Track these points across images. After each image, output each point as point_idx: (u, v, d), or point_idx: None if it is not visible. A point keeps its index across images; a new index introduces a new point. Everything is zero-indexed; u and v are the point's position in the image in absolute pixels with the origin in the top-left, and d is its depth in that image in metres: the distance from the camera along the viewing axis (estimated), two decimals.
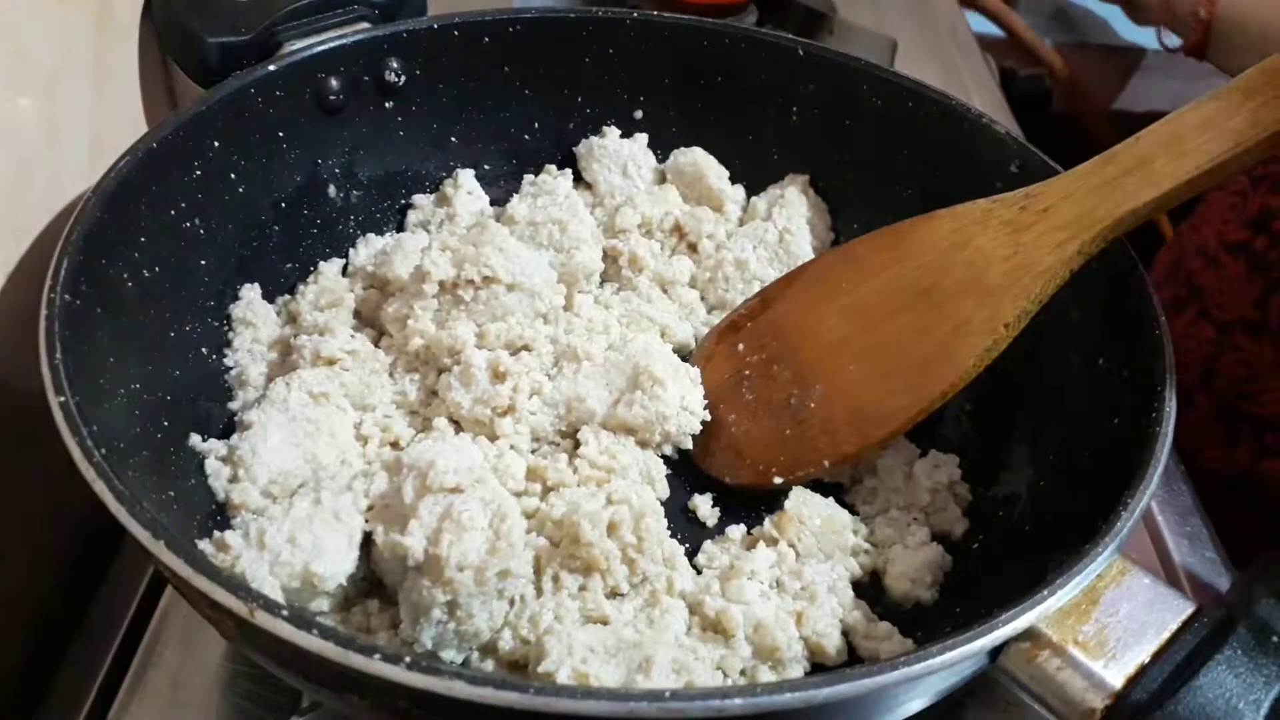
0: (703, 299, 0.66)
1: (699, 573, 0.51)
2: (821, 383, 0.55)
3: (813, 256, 0.68)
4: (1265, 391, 0.76)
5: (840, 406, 0.54)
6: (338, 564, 0.47)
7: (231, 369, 0.57)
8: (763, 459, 0.55)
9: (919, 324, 0.52)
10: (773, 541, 0.52)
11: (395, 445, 0.55)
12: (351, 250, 0.65)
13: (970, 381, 0.51)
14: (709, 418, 0.57)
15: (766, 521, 0.53)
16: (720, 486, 0.56)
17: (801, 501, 0.54)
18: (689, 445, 0.57)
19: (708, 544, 0.53)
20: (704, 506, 0.55)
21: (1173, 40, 0.81)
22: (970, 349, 0.50)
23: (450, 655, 0.46)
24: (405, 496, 0.47)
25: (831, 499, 0.55)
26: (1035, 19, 1.27)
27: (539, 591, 0.48)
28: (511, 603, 0.47)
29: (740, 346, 0.59)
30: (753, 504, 0.56)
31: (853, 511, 0.56)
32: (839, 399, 0.54)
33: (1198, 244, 0.82)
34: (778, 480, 0.54)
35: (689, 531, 0.54)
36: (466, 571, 0.44)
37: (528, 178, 0.70)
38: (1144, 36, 1.37)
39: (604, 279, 0.65)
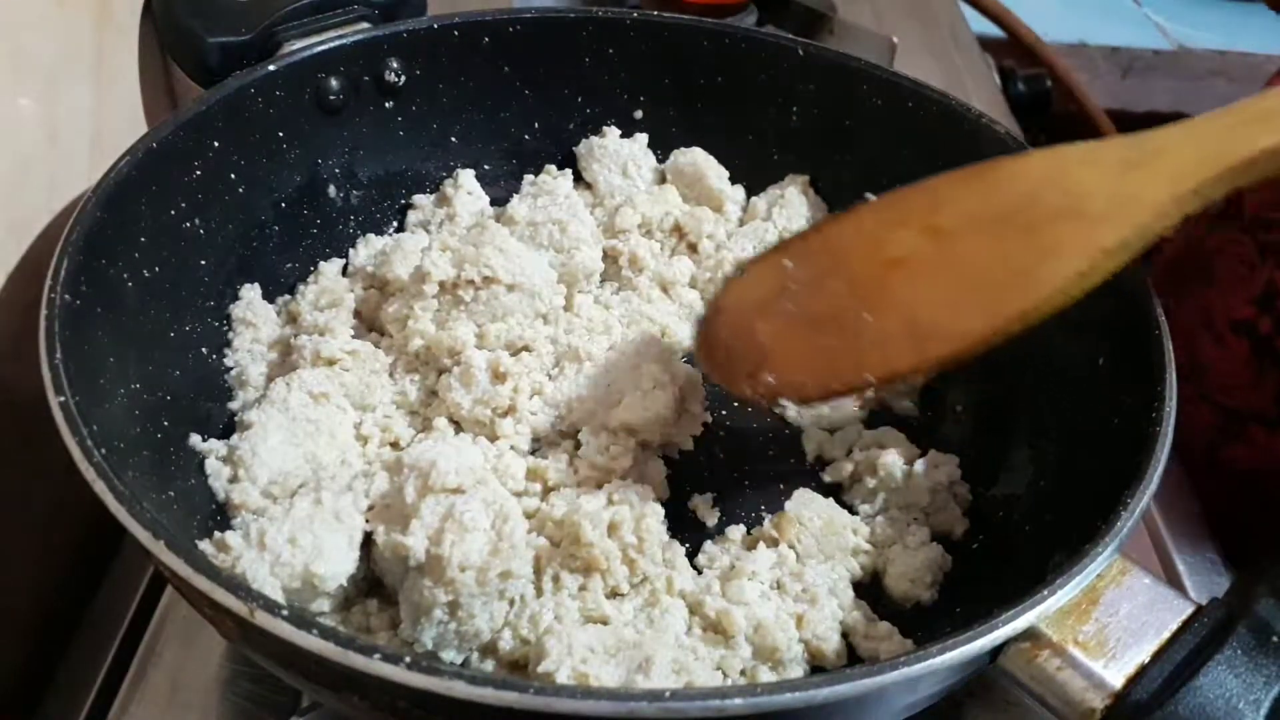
0: (703, 299, 0.66)
1: (699, 573, 0.51)
2: (880, 296, 0.49)
3: None
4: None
5: (899, 320, 0.48)
6: (338, 564, 0.47)
7: (231, 369, 0.57)
8: (794, 369, 0.49)
9: (1002, 244, 0.47)
10: (773, 542, 0.52)
11: (395, 445, 0.55)
12: (351, 250, 0.65)
13: (1055, 310, 0.46)
14: (710, 419, 0.57)
15: (766, 522, 0.53)
16: (721, 487, 0.56)
17: (802, 502, 0.54)
18: (690, 446, 0.57)
19: (708, 544, 0.53)
20: (704, 506, 0.55)
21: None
22: (1060, 271, 0.45)
23: (450, 656, 0.46)
24: (406, 497, 0.47)
25: (831, 499, 0.55)
26: None
27: (539, 591, 0.48)
28: (512, 603, 0.47)
29: (788, 263, 0.52)
30: (753, 504, 0.56)
31: (852, 512, 0.56)
32: (899, 313, 0.48)
33: (1202, 312, 0.75)
34: (806, 394, 0.49)
35: (689, 531, 0.54)
36: (468, 572, 0.44)
37: (528, 178, 0.70)
38: (1145, 36, 1.37)
39: (604, 279, 0.65)
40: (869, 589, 0.53)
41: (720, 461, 0.58)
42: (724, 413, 0.60)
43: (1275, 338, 0.71)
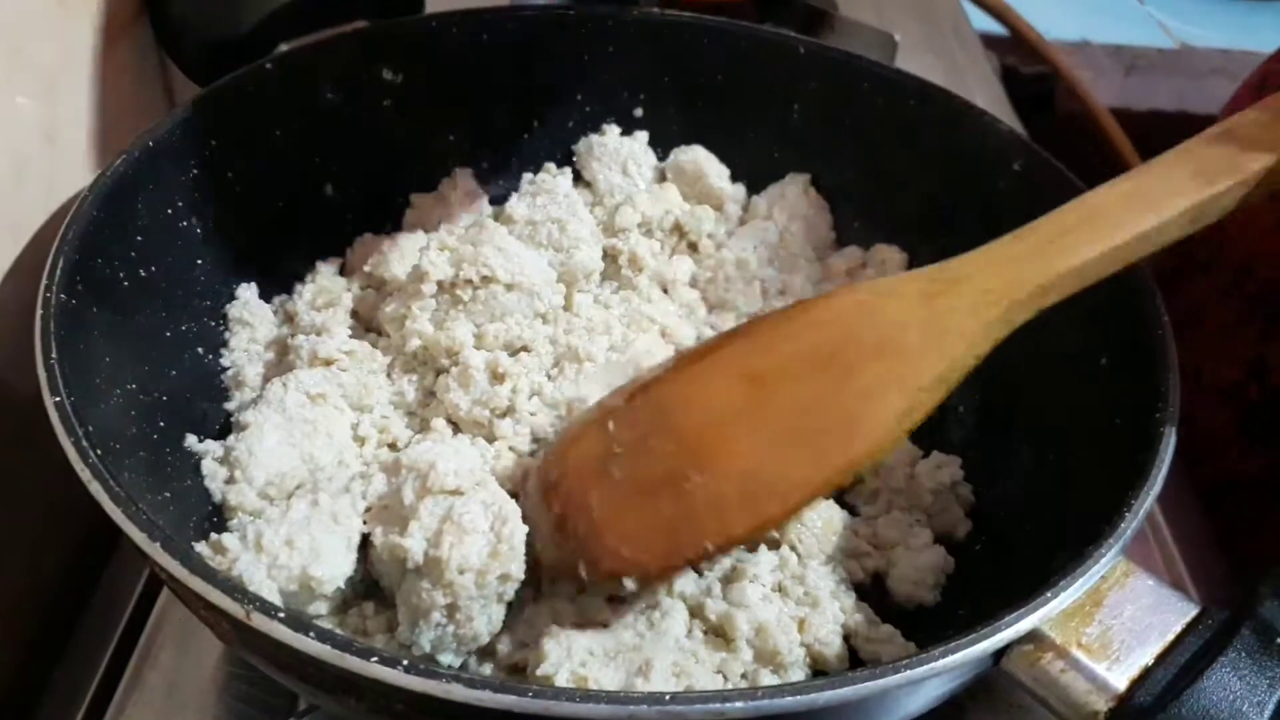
0: (703, 299, 0.66)
1: (700, 575, 0.51)
2: (708, 455, 0.46)
3: (812, 255, 0.68)
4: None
5: (731, 480, 0.46)
6: (336, 567, 0.47)
7: (228, 369, 0.57)
8: (633, 545, 0.46)
9: (824, 390, 0.46)
10: (775, 544, 0.52)
11: (393, 446, 0.55)
12: (349, 250, 0.65)
13: (887, 452, 0.46)
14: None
15: None
16: None
17: None
18: None
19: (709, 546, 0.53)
20: None
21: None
22: (881, 415, 0.45)
23: (448, 659, 0.46)
24: (405, 498, 0.47)
25: (832, 500, 0.55)
26: None
27: (538, 594, 0.48)
28: (510, 606, 0.46)
29: (611, 425, 0.49)
30: None
31: (854, 513, 0.55)
32: (729, 472, 0.46)
33: (1191, 364, 0.73)
34: (647, 574, 0.46)
35: None
36: (467, 574, 0.44)
37: (527, 176, 0.70)
38: (1148, 35, 1.37)
39: (604, 278, 0.65)
40: (871, 591, 0.52)
41: None
42: None
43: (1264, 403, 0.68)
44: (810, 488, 0.46)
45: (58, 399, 0.41)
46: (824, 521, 0.52)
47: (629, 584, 0.46)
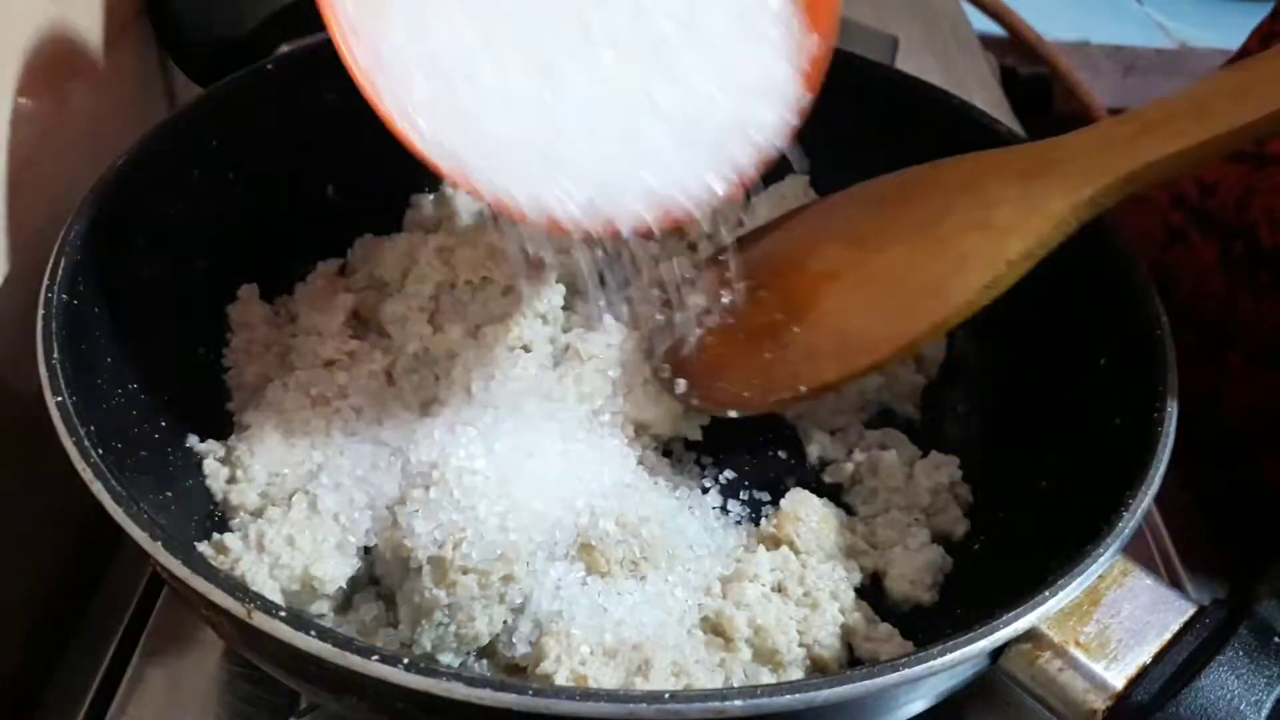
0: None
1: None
2: (809, 308, 0.52)
3: None
4: None
5: (826, 333, 0.52)
6: (338, 566, 0.47)
7: (229, 369, 0.57)
8: (736, 382, 0.53)
9: (917, 256, 0.50)
10: (774, 544, 0.52)
11: (395, 446, 0.55)
12: (350, 250, 0.65)
13: (966, 318, 0.49)
14: (707, 421, 0.56)
15: (763, 522, 0.53)
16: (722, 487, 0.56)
17: (799, 500, 0.53)
18: (698, 435, 0.57)
19: None
20: None
21: None
22: (969, 283, 0.48)
23: (448, 658, 0.46)
24: (408, 498, 0.47)
25: (828, 499, 0.55)
26: None
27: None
28: (510, 606, 0.47)
29: (726, 274, 0.56)
30: (755, 505, 0.55)
31: (852, 513, 0.56)
32: (825, 325, 0.52)
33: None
34: (749, 406, 0.53)
35: None
36: (470, 574, 0.44)
37: None
38: (1147, 35, 1.37)
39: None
40: (869, 590, 0.52)
41: (721, 461, 0.58)
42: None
43: None
44: (896, 345, 0.50)
45: (59, 399, 0.41)
46: (820, 518, 0.52)
47: (731, 413, 0.53)
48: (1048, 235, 0.48)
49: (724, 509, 0.55)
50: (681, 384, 0.54)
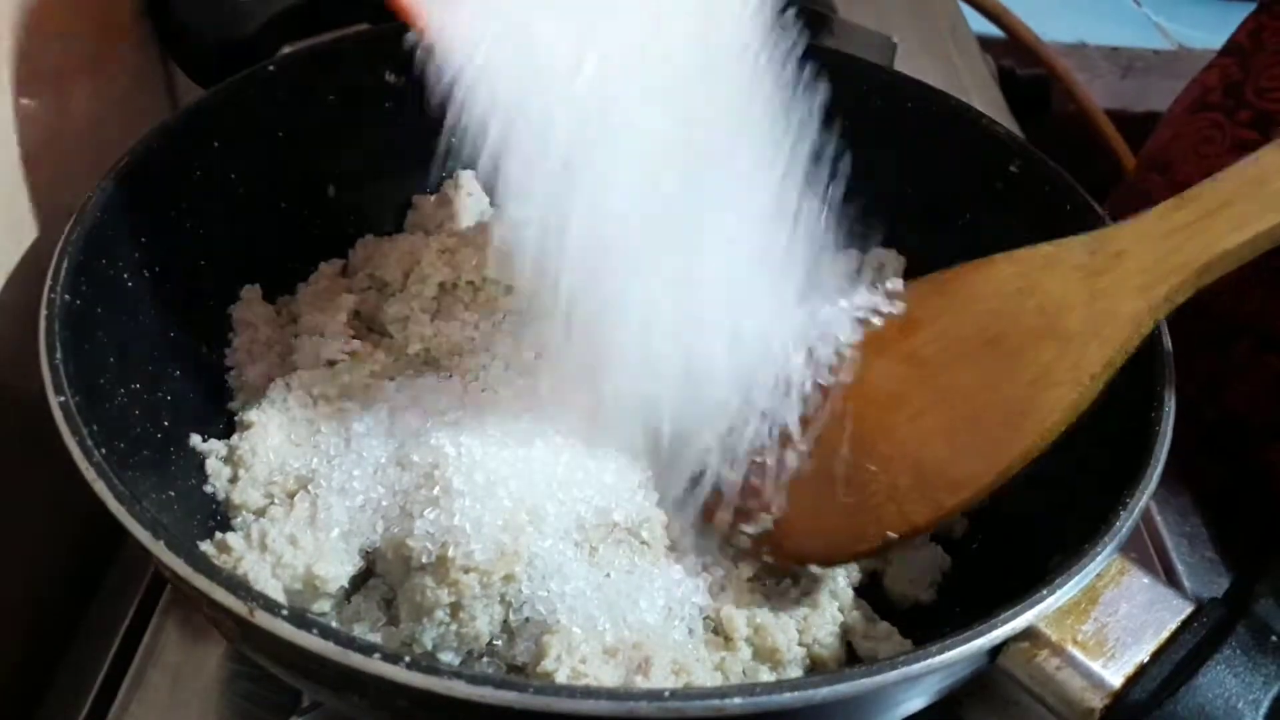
0: None
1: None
2: (881, 441, 0.47)
3: None
4: None
5: (905, 469, 0.46)
6: (340, 565, 0.47)
7: (231, 369, 0.57)
8: (812, 533, 0.48)
9: (989, 375, 0.46)
10: None
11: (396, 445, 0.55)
12: (351, 250, 0.65)
13: (1053, 441, 0.45)
14: None
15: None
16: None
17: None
18: None
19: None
20: None
21: None
22: (1054, 402, 0.44)
23: (449, 658, 0.46)
24: (410, 497, 0.47)
25: None
26: None
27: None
28: (510, 606, 0.47)
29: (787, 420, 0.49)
30: None
31: None
32: (902, 460, 0.46)
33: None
34: (830, 559, 0.48)
35: None
36: (471, 574, 0.44)
37: None
38: (1145, 36, 1.37)
39: None
40: (867, 589, 0.53)
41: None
42: None
43: None
44: (985, 480, 0.45)
45: (62, 399, 0.41)
46: None
47: (813, 569, 0.48)
48: (1126, 340, 0.44)
49: None
50: (744, 540, 0.49)
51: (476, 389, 0.54)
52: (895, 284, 0.51)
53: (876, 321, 0.49)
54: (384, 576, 0.49)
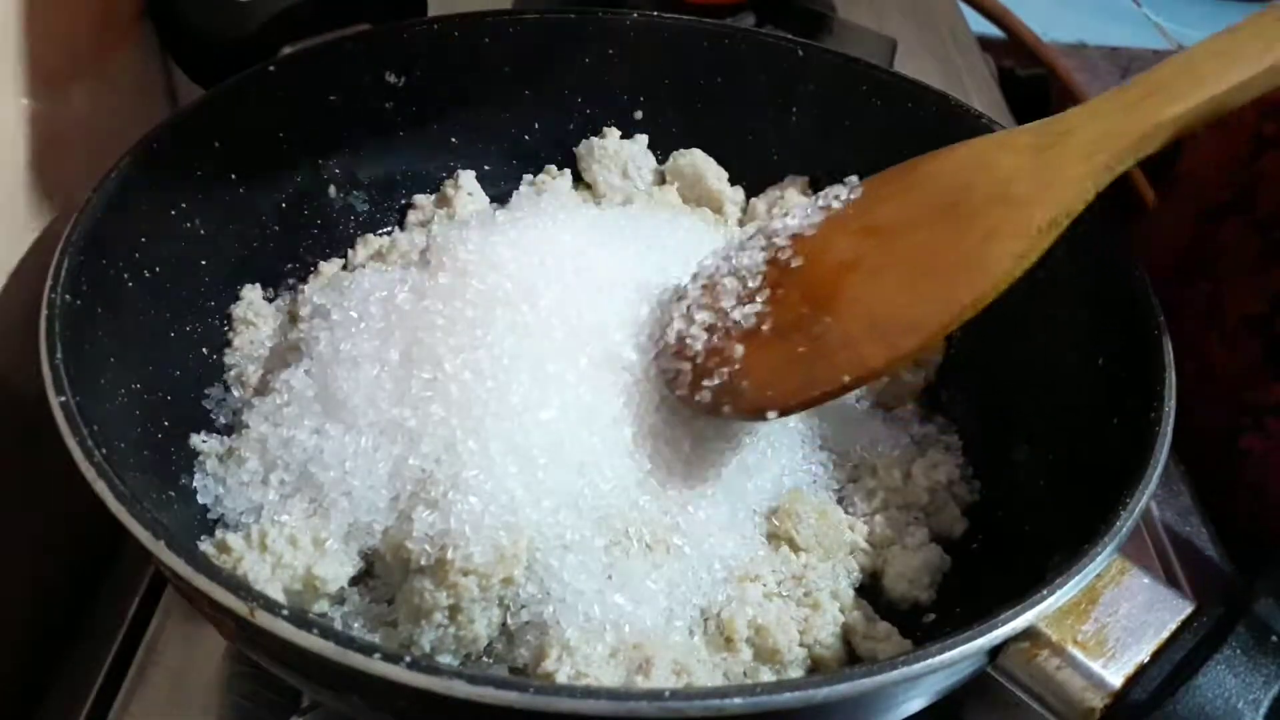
0: None
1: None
2: (835, 297, 0.50)
3: None
4: None
5: (861, 319, 0.49)
6: (339, 566, 0.47)
7: (232, 368, 0.57)
8: (769, 383, 0.50)
9: (943, 236, 0.50)
10: (775, 543, 0.52)
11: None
12: (351, 250, 0.65)
13: (1003, 290, 0.48)
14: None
15: (764, 521, 0.53)
16: None
17: (797, 499, 0.53)
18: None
19: None
20: None
21: None
22: (1002, 254, 0.48)
23: (447, 660, 0.46)
24: (410, 498, 0.47)
25: (831, 497, 0.55)
26: None
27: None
28: (509, 608, 0.47)
29: (745, 284, 0.53)
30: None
31: (850, 511, 0.56)
32: (858, 311, 0.50)
33: (1211, 306, 0.74)
34: (788, 405, 0.49)
35: None
36: (471, 576, 0.44)
37: (527, 178, 0.70)
38: (1144, 37, 1.37)
39: None
40: (867, 589, 0.53)
41: None
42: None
43: None
44: (941, 321, 0.48)
45: (63, 399, 0.41)
46: (818, 515, 0.53)
47: (771, 415, 0.49)
48: (1069, 203, 0.48)
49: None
50: (706, 394, 0.50)
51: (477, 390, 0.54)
52: (853, 179, 0.55)
53: (837, 205, 0.54)
54: (383, 578, 0.49)
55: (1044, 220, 0.48)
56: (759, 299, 0.51)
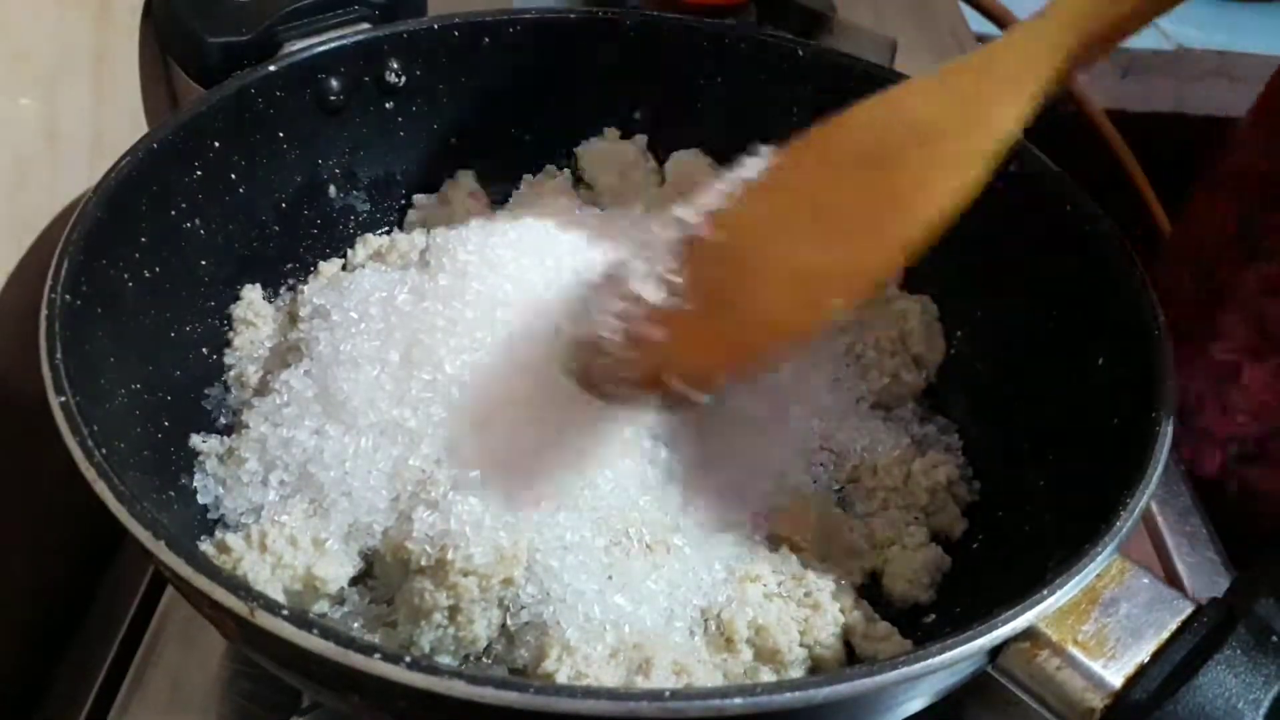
0: None
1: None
2: (759, 262, 0.47)
3: None
4: None
5: (783, 279, 0.47)
6: (340, 566, 0.47)
7: (232, 368, 0.57)
8: (700, 361, 0.47)
9: (865, 186, 0.47)
10: (775, 543, 0.52)
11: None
12: (351, 250, 0.65)
13: (935, 231, 0.46)
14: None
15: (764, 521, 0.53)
16: None
17: (797, 499, 0.53)
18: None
19: None
20: None
21: None
22: (929, 191, 0.46)
23: (446, 660, 0.46)
24: (410, 499, 0.47)
25: (831, 498, 0.55)
26: None
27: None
28: (509, 609, 0.47)
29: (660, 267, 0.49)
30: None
31: (850, 511, 0.56)
32: (780, 271, 0.47)
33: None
34: (716, 378, 0.47)
35: None
36: (470, 577, 0.44)
37: (527, 178, 0.70)
38: (1144, 37, 1.37)
39: None
40: (867, 589, 0.53)
41: None
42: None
43: None
44: (872, 269, 0.47)
45: (62, 399, 0.41)
46: (817, 515, 0.53)
47: (705, 399, 0.47)
48: (1003, 130, 0.46)
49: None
50: (625, 385, 0.48)
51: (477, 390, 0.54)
52: (762, 148, 0.51)
53: (750, 175, 0.50)
54: (383, 578, 0.49)
55: (977, 151, 0.46)
56: (675, 277, 0.48)
